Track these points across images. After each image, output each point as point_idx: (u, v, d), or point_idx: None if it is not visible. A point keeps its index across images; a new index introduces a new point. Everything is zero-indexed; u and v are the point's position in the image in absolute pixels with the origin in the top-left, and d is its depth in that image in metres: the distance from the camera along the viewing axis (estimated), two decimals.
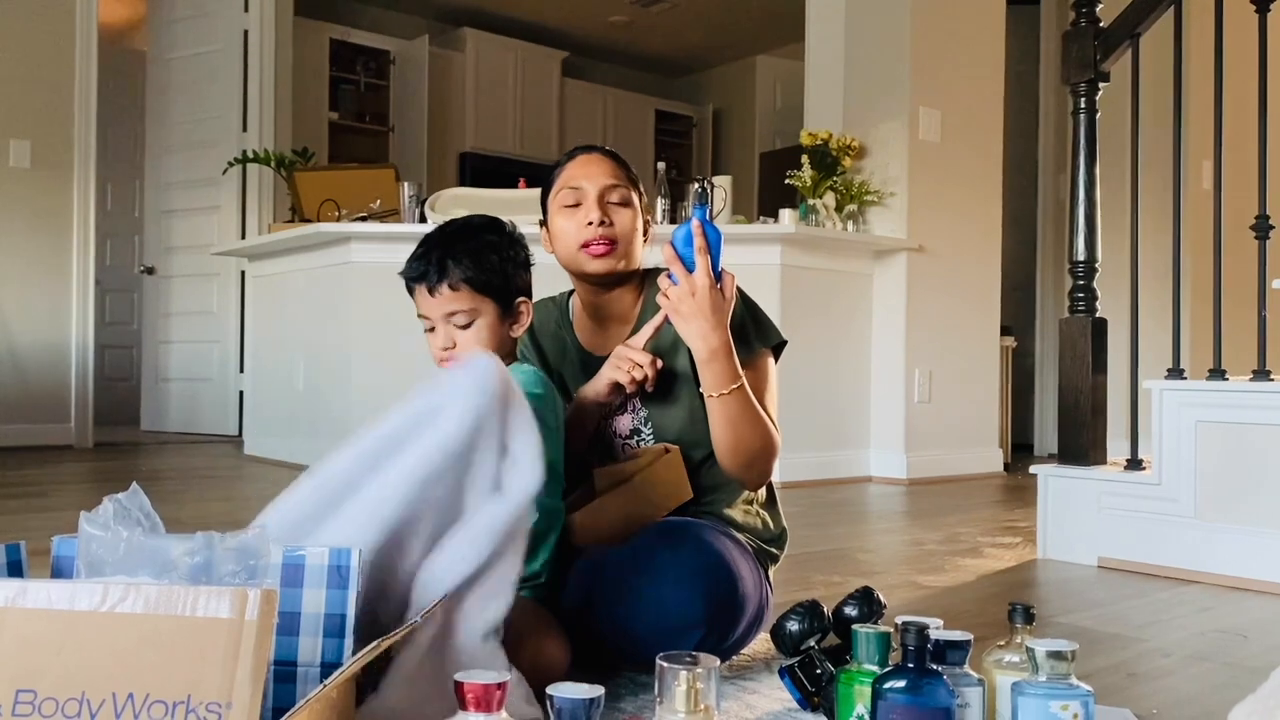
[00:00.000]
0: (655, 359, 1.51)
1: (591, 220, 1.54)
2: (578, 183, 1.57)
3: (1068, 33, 2.69)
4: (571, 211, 1.57)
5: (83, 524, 0.91)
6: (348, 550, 1.03)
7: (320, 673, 1.02)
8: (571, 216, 1.57)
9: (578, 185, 1.57)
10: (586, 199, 1.56)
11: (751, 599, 1.45)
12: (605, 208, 1.56)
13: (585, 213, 1.55)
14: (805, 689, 1.27)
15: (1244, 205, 2.53)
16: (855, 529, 3.16)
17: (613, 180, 1.57)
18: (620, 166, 1.61)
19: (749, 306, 1.59)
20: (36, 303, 5.14)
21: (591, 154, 1.61)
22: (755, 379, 1.53)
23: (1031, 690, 1.04)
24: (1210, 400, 2.36)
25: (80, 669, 0.80)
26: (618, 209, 1.57)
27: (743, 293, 1.57)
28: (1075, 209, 2.66)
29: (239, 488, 3.91)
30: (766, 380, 1.58)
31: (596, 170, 1.58)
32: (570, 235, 1.56)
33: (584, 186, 1.57)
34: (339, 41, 7.22)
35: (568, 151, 1.66)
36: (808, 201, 4.33)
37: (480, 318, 1.46)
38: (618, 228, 1.56)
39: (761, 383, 1.56)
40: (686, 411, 1.56)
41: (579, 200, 1.57)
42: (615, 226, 1.56)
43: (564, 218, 1.57)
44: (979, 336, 4.68)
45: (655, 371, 1.51)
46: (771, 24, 7.62)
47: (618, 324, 1.63)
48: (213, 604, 0.81)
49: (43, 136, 5.14)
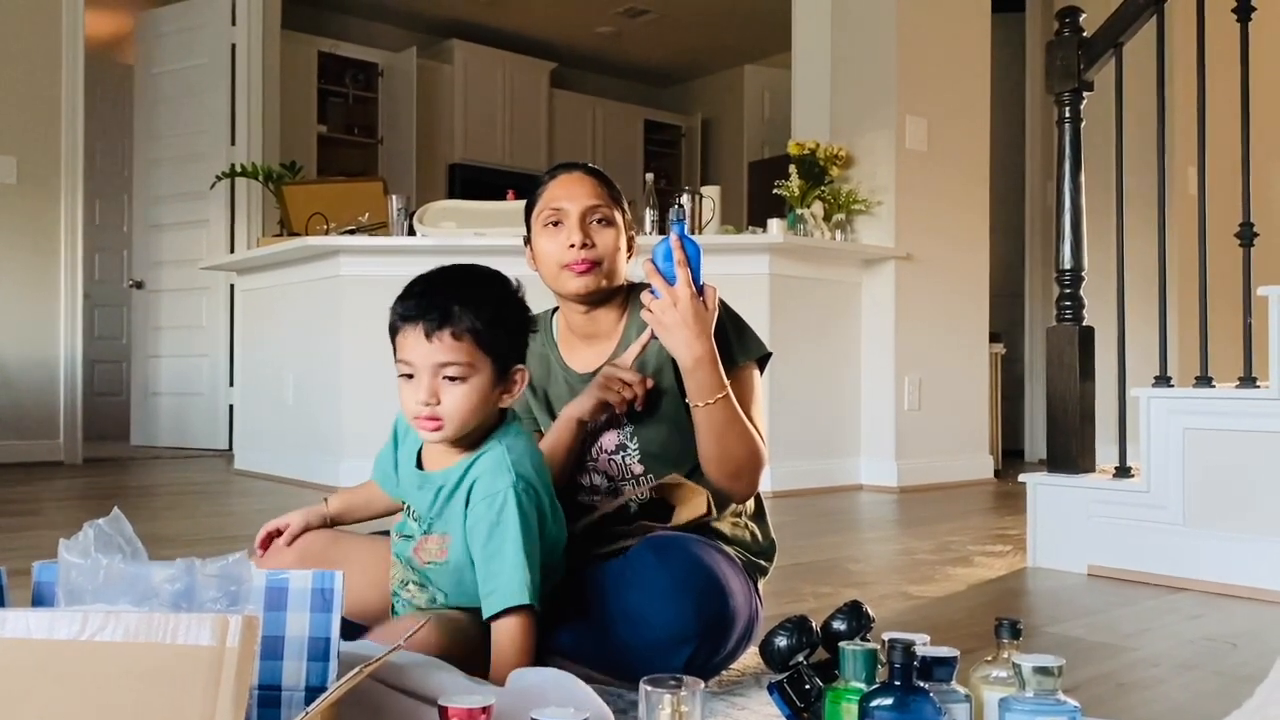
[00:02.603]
0: (645, 378, 1.52)
1: (574, 242, 1.55)
2: (559, 203, 1.57)
3: (1051, 43, 2.71)
4: (554, 231, 1.57)
5: (62, 551, 0.91)
6: (331, 573, 1.03)
7: (305, 697, 1.01)
8: (554, 237, 1.57)
9: (559, 206, 1.57)
10: (568, 219, 1.56)
11: (742, 613, 1.45)
12: (587, 228, 1.56)
13: (567, 234, 1.56)
14: (794, 704, 1.27)
15: (1229, 212, 2.54)
16: (845, 538, 3.16)
17: (595, 200, 1.57)
18: (603, 185, 1.61)
19: (733, 320, 1.59)
20: (25, 318, 5.12)
21: (573, 173, 1.61)
22: (740, 391, 1.53)
23: (1019, 706, 1.04)
24: (1198, 408, 2.37)
25: (60, 699, 0.80)
26: (600, 229, 1.57)
27: (726, 306, 1.57)
28: (1061, 217, 2.67)
29: (229, 503, 3.89)
30: (752, 393, 1.58)
31: (579, 190, 1.58)
32: (552, 256, 1.57)
33: (565, 207, 1.57)
34: (327, 54, 7.23)
35: (550, 169, 1.66)
36: (796, 211, 4.34)
37: (474, 377, 1.29)
38: (600, 248, 1.56)
39: (747, 395, 1.56)
40: (672, 426, 1.56)
41: (560, 220, 1.57)
42: (597, 247, 1.56)
43: (546, 238, 1.58)
44: (968, 344, 4.69)
45: (645, 390, 1.51)
46: (759, 33, 7.64)
47: (602, 341, 1.63)
48: (194, 631, 0.81)
49: (30, 151, 5.13)
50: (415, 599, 1.42)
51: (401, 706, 1.07)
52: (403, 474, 1.43)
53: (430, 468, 1.40)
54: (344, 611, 1.04)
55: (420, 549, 1.39)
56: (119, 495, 3.91)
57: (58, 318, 5.20)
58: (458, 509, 1.34)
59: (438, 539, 1.37)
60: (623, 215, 1.62)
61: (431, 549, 1.37)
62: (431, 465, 1.40)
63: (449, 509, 1.35)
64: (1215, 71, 2.56)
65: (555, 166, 1.67)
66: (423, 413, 1.29)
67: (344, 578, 1.04)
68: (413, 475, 1.40)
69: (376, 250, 4.06)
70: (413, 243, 3.97)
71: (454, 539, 1.35)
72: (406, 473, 1.42)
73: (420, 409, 1.29)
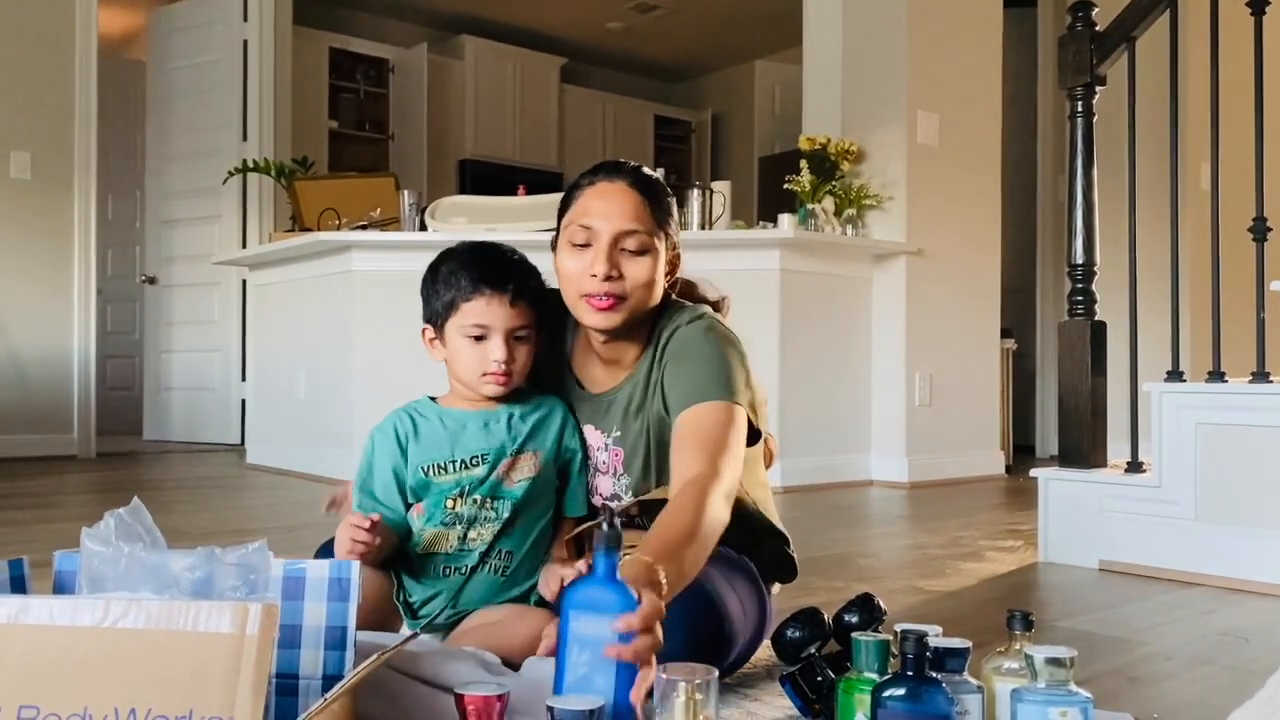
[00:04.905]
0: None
1: (596, 273, 1.37)
2: (591, 220, 1.39)
3: (1063, 37, 2.70)
4: (580, 252, 1.40)
5: (84, 540, 0.92)
6: (348, 563, 1.04)
7: (322, 685, 1.02)
8: (579, 258, 1.40)
9: (590, 224, 1.39)
10: (597, 241, 1.38)
11: (742, 631, 1.39)
12: (616, 257, 1.38)
13: (592, 259, 1.38)
14: (806, 697, 1.27)
15: (1242, 207, 2.53)
16: (856, 533, 3.17)
17: (632, 224, 1.39)
18: (648, 202, 1.41)
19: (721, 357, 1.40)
20: (38, 313, 5.15)
21: (616, 182, 1.42)
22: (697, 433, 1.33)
23: (1031, 697, 1.05)
24: (1210, 402, 2.36)
25: (82, 685, 0.81)
26: (631, 259, 1.39)
27: (727, 343, 1.42)
28: (1073, 213, 2.67)
29: (242, 497, 3.91)
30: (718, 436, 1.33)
31: (617, 208, 1.39)
32: (573, 280, 1.40)
33: (597, 226, 1.39)
34: (338, 50, 7.24)
35: (594, 167, 1.46)
36: (807, 206, 4.33)
37: (533, 337, 1.45)
38: (627, 281, 1.38)
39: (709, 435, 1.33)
40: (654, 444, 1.46)
41: (589, 241, 1.39)
42: (625, 280, 1.38)
43: (571, 256, 1.41)
44: (979, 339, 4.68)
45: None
46: (769, 28, 7.63)
47: (618, 369, 1.50)
48: (214, 619, 0.82)
49: (43, 148, 5.16)
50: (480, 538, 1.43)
51: (418, 694, 1.08)
52: (451, 431, 1.46)
53: None
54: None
55: (513, 469, 1.44)
56: (132, 489, 3.93)
57: (71, 313, 5.23)
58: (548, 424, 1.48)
59: (529, 456, 1.45)
60: (666, 238, 1.44)
61: (524, 467, 1.45)
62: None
63: (538, 425, 1.47)
64: (1229, 66, 2.55)
65: (600, 166, 1.46)
66: (499, 369, 1.40)
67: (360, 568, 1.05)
68: (470, 418, 1.45)
69: (388, 245, 4.07)
70: (424, 238, 3.98)
71: (543, 452, 1.46)
72: (455, 427, 1.45)
73: (497, 366, 1.40)
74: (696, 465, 1.29)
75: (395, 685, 1.07)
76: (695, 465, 1.29)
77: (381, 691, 1.06)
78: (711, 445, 1.31)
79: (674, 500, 1.28)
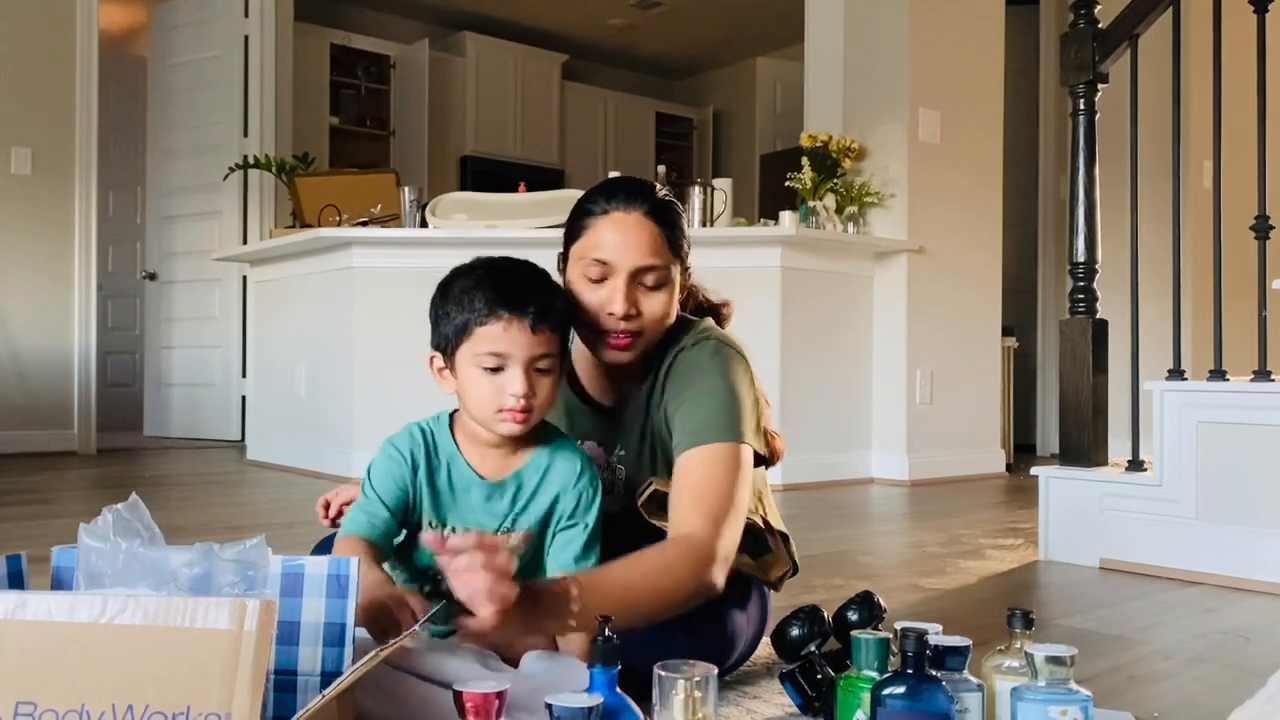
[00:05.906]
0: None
1: (614, 310, 1.33)
2: (607, 254, 1.34)
3: (1066, 34, 2.69)
4: (594, 286, 1.35)
5: (82, 535, 0.92)
6: (347, 560, 1.04)
7: (320, 682, 1.02)
8: (593, 291, 1.35)
9: (606, 259, 1.34)
10: (614, 276, 1.34)
11: (742, 636, 1.40)
12: (634, 293, 1.34)
13: (609, 296, 1.33)
14: (806, 694, 1.27)
15: (1244, 205, 2.53)
16: (857, 531, 3.16)
17: (649, 260, 1.34)
18: (664, 233, 1.36)
19: (731, 391, 1.36)
20: (39, 309, 5.15)
21: (633, 213, 1.35)
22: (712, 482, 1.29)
23: (1031, 695, 1.05)
24: (1211, 401, 2.36)
25: (80, 681, 0.81)
26: (649, 294, 1.35)
27: (731, 366, 1.38)
28: (1075, 210, 2.66)
29: (241, 494, 3.91)
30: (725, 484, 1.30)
31: (634, 242, 1.34)
32: (588, 312, 1.35)
33: (613, 261, 1.34)
34: (339, 46, 7.23)
35: (606, 189, 1.39)
36: (808, 203, 4.33)
37: (557, 368, 1.28)
38: (645, 317, 1.35)
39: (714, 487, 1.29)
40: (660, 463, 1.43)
41: (605, 276, 1.34)
42: (643, 316, 1.35)
43: (585, 289, 1.35)
44: (980, 337, 4.68)
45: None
46: (771, 25, 7.62)
47: (620, 379, 1.46)
48: (212, 615, 0.82)
49: (44, 143, 5.15)
50: None
51: (417, 691, 1.07)
52: (459, 494, 1.32)
53: (489, 475, 1.32)
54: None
55: None
56: (132, 485, 3.93)
57: (71, 309, 5.23)
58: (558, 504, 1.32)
59: (520, 535, 1.32)
60: (680, 264, 1.40)
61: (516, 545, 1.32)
62: (490, 473, 1.32)
63: (546, 507, 1.32)
64: (1231, 64, 2.54)
65: (613, 191, 1.38)
66: (518, 405, 1.23)
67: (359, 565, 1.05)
68: (474, 485, 1.31)
69: (389, 242, 4.07)
70: (425, 234, 3.97)
71: (535, 531, 1.32)
72: (460, 489, 1.32)
73: (515, 401, 1.23)
74: (695, 522, 1.27)
75: (394, 682, 1.07)
76: (693, 522, 1.27)
77: (380, 688, 1.06)
78: (711, 503, 1.29)
79: (662, 554, 1.24)
